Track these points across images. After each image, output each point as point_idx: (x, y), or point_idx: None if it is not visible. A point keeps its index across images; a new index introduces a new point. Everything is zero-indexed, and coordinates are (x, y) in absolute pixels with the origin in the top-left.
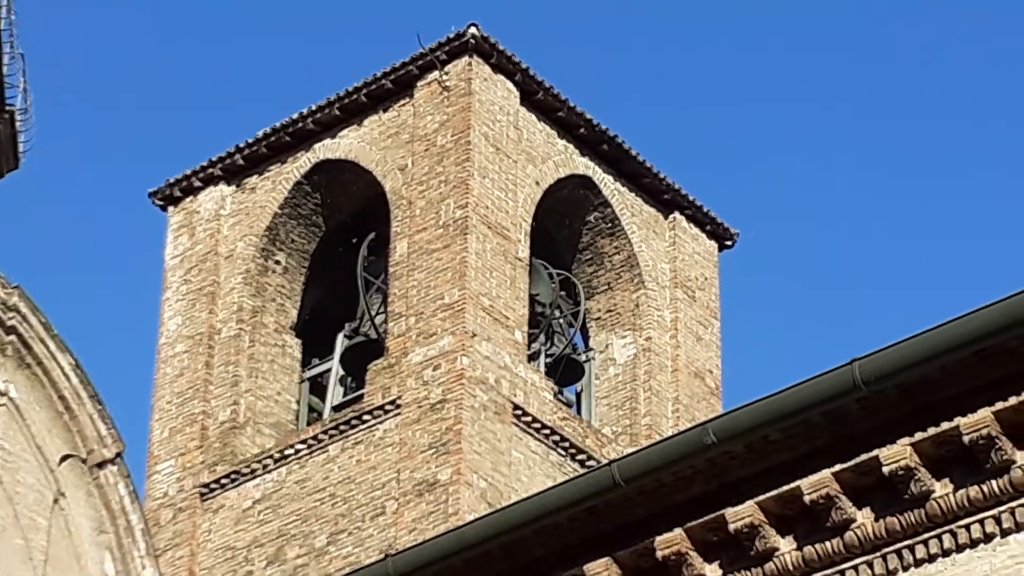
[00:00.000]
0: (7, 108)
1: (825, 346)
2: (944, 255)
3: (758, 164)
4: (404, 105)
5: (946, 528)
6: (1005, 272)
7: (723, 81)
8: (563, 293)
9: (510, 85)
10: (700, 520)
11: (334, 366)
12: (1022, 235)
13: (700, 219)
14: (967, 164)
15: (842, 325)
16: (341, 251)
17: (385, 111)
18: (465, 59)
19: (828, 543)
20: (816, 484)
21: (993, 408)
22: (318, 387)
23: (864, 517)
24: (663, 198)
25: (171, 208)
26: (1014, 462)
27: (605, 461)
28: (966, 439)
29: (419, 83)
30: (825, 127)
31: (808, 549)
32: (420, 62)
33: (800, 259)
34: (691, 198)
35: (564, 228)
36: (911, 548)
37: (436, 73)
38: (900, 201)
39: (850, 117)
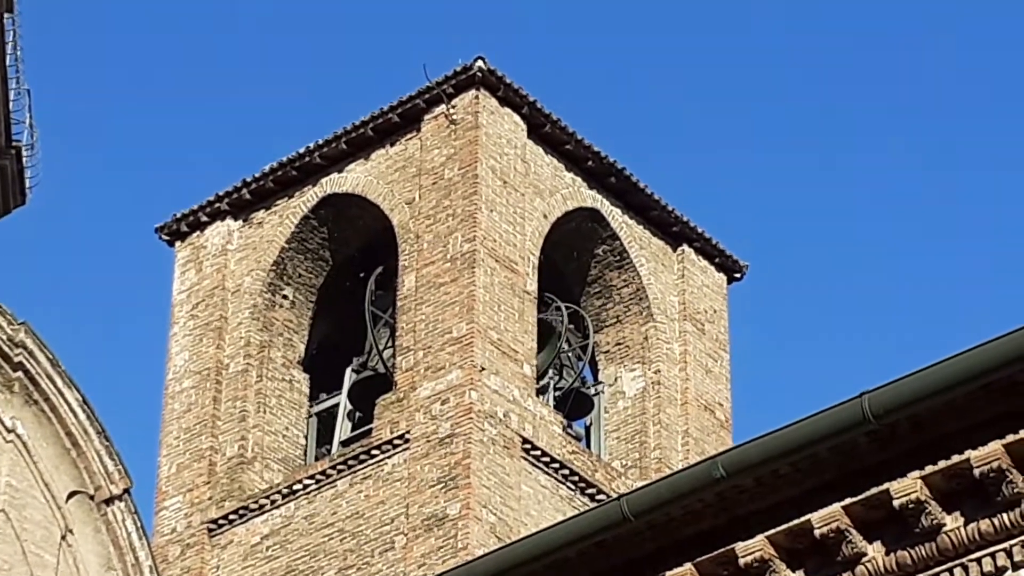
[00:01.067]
0: (13, 144)
1: (834, 379)
2: (953, 288)
3: (767, 197)
4: (411, 139)
5: (957, 561)
6: (1015, 305)
7: (731, 114)
8: (572, 326)
9: (517, 118)
10: (710, 555)
11: (342, 400)
12: None
13: (709, 251)
14: (975, 198)
15: (851, 358)
16: (348, 285)
17: (392, 145)
18: (472, 92)
19: None
20: (826, 518)
21: (1004, 441)
22: (326, 422)
23: (875, 551)
24: (672, 231)
25: (178, 243)
26: None
27: (614, 495)
28: (976, 472)
29: (426, 116)
30: (833, 161)
31: None
32: (427, 95)
33: (809, 292)
34: (700, 230)
35: (572, 261)
36: None
37: (443, 106)
38: (909, 234)
39: (858, 151)
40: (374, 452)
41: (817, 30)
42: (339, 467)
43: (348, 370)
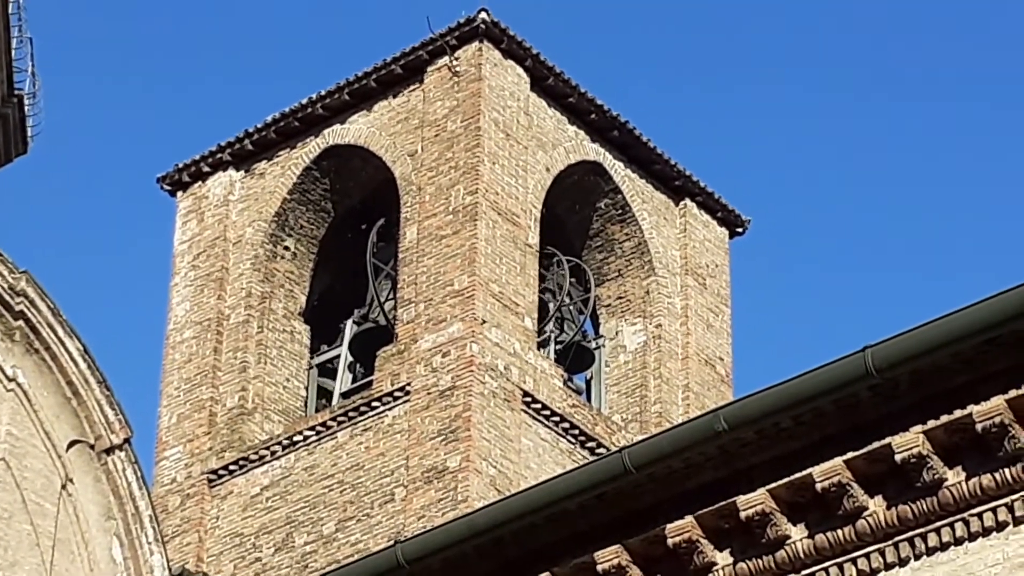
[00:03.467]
0: (15, 93)
1: (837, 334)
2: (957, 242)
3: (769, 151)
4: (414, 90)
5: (959, 516)
6: (1018, 260)
7: (734, 67)
8: (573, 280)
9: (520, 71)
10: (711, 507)
11: (343, 352)
12: None
13: (711, 206)
14: (982, 150)
15: (854, 312)
16: (350, 237)
17: (395, 96)
18: (475, 44)
19: (840, 531)
20: (828, 472)
21: (1006, 396)
22: (327, 373)
23: (876, 505)
24: (674, 185)
25: (180, 193)
26: None
27: (615, 448)
28: (979, 427)
29: (429, 68)
30: (836, 113)
31: (820, 537)
32: (430, 47)
33: (811, 246)
34: (702, 184)
35: (574, 214)
36: (923, 536)
37: (446, 58)
38: (913, 187)
39: (863, 103)
40: (374, 404)
41: None
42: (339, 419)
43: (349, 322)
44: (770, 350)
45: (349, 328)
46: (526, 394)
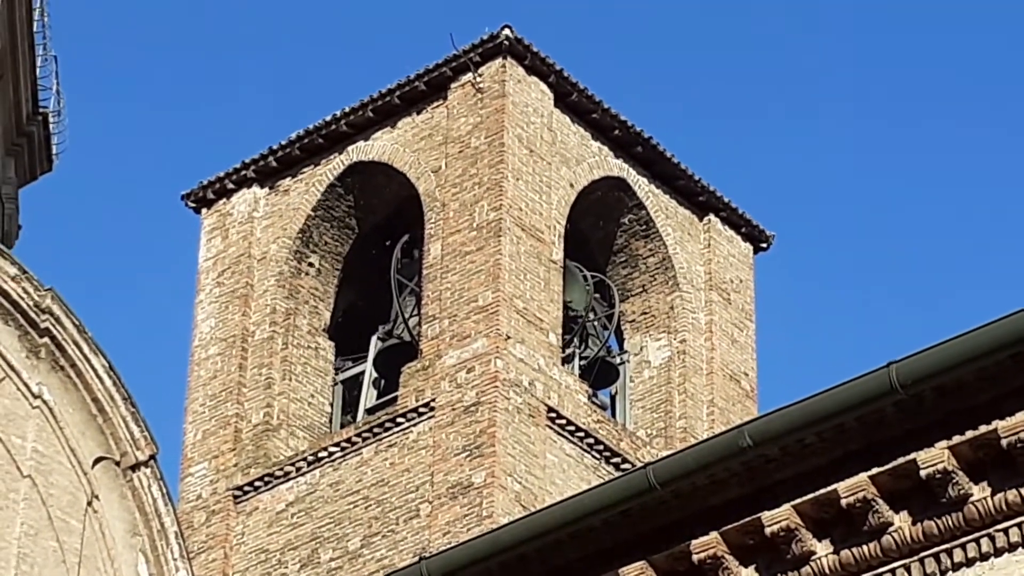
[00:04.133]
0: (40, 111)
1: (861, 349)
2: (981, 258)
3: (793, 166)
4: (438, 107)
5: (984, 532)
6: None
7: (758, 82)
8: (597, 295)
9: (544, 87)
10: (736, 523)
11: (368, 368)
12: None
13: (735, 221)
14: (1007, 167)
15: (878, 328)
16: (374, 253)
17: (419, 113)
18: (499, 61)
19: (865, 547)
20: (853, 487)
21: None
22: (351, 389)
23: (901, 521)
24: (698, 200)
25: (204, 210)
26: None
27: (639, 464)
28: (1004, 442)
29: (453, 85)
30: (860, 129)
31: (845, 553)
32: (454, 64)
33: (836, 261)
34: (726, 200)
35: (598, 230)
36: (949, 552)
37: (470, 75)
38: (937, 203)
39: (887, 119)
40: (399, 420)
41: (847, 3)
42: (364, 435)
43: (374, 338)
44: (795, 365)
45: (374, 344)
46: (551, 410)
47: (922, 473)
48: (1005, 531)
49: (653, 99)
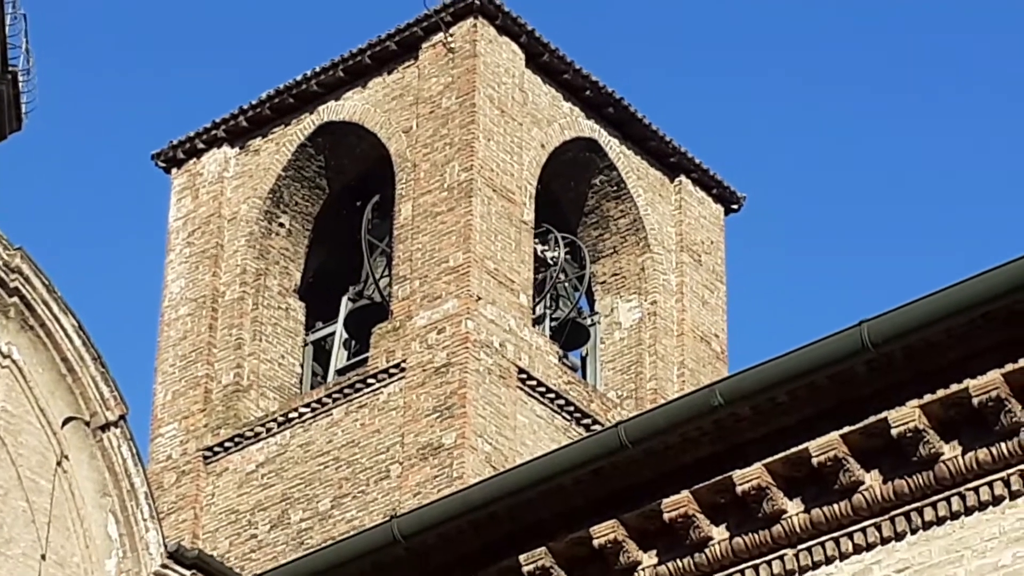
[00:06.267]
0: (9, 69)
1: (832, 310)
2: (952, 218)
3: (765, 128)
4: (408, 67)
5: (955, 491)
6: (1013, 235)
7: (730, 44)
8: (568, 257)
9: (515, 47)
10: (707, 482)
11: (338, 329)
12: None
13: (706, 183)
14: (976, 128)
15: (849, 289)
16: (345, 214)
17: (389, 73)
18: (470, 21)
19: (836, 505)
20: (824, 446)
21: (1002, 370)
22: (322, 350)
23: (872, 479)
24: (669, 161)
25: (174, 170)
26: (1023, 424)
27: (610, 424)
28: (975, 401)
29: (424, 45)
30: (831, 90)
31: (816, 511)
32: (425, 24)
33: (807, 223)
34: (697, 161)
35: (569, 191)
36: (919, 511)
37: (441, 35)
38: (907, 164)
39: (858, 82)
40: (370, 381)
41: None
42: (335, 395)
43: (344, 299)
44: (765, 327)
45: (344, 305)
46: (521, 371)
47: (893, 432)
48: (975, 490)
49: (625, 60)
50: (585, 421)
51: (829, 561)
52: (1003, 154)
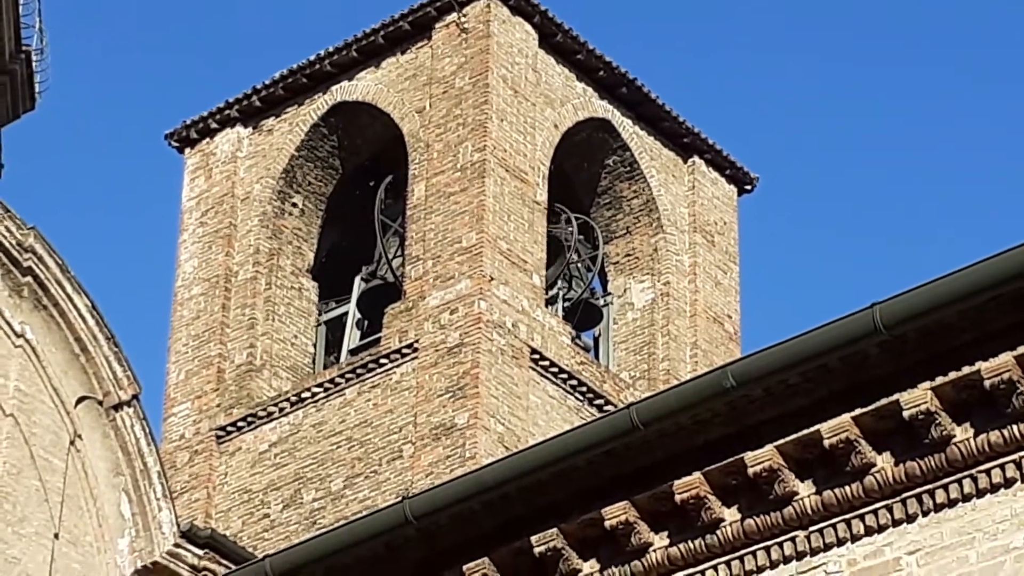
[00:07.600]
0: (23, 48)
1: (844, 292)
2: (966, 200)
3: (778, 108)
4: (422, 47)
5: (967, 473)
6: None
7: (743, 24)
8: (581, 237)
9: (529, 27)
10: (719, 464)
11: (351, 309)
12: None
13: (719, 163)
14: (991, 109)
15: (862, 271)
16: (358, 194)
17: (403, 53)
18: (483, 1)
19: (847, 487)
20: (836, 428)
21: (1014, 352)
22: (335, 330)
23: (884, 462)
24: (682, 142)
25: (188, 150)
26: None
27: (623, 405)
28: (987, 383)
29: (437, 25)
30: (844, 71)
31: (827, 493)
32: (438, 3)
33: (820, 204)
34: (710, 142)
35: (583, 172)
36: (931, 493)
37: (454, 15)
38: (921, 146)
39: (871, 62)
40: (383, 361)
41: None
42: (347, 375)
43: (357, 279)
44: (778, 308)
45: (357, 285)
46: (534, 351)
47: (905, 414)
48: (987, 472)
49: (638, 40)
50: (598, 402)
51: (841, 543)
52: (1019, 136)
